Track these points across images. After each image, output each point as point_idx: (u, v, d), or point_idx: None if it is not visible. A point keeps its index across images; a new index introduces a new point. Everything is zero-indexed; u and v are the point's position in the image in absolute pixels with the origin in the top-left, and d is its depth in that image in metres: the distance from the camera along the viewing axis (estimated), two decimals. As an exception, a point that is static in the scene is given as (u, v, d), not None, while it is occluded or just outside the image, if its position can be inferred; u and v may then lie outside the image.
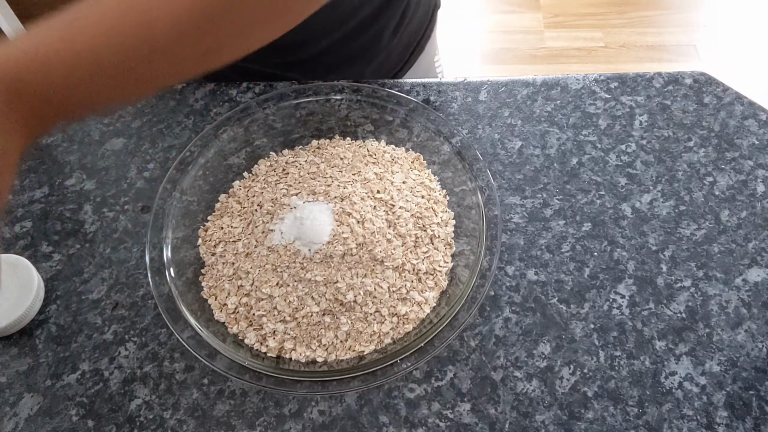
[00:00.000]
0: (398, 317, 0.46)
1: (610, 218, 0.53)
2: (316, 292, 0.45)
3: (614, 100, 0.60)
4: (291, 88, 0.54)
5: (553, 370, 0.46)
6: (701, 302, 0.48)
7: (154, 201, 0.49)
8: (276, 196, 0.51)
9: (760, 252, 0.51)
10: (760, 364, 0.46)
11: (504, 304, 0.49)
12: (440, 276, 0.48)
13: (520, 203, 0.54)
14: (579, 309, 0.48)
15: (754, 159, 0.55)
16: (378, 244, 0.47)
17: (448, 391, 0.45)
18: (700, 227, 0.52)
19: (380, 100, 0.53)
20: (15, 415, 0.45)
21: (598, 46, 1.76)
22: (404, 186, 0.51)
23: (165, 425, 0.45)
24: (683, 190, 0.54)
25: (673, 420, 0.44)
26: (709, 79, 0.60)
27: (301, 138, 0.56)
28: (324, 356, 0.44)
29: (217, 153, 0.52)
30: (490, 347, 0.47)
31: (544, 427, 0.44)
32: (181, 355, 0.47)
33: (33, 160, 0.58)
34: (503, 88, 0.61)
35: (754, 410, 0.44)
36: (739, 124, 0.57)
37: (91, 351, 0.48)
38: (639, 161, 0.56)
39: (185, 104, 0.61)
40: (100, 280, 0.51)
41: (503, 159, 0.56)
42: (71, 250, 0.53)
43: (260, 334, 0.45)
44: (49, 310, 0.50)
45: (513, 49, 1.77)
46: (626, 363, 0.46)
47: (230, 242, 0.49)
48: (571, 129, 0.58)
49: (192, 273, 0.49)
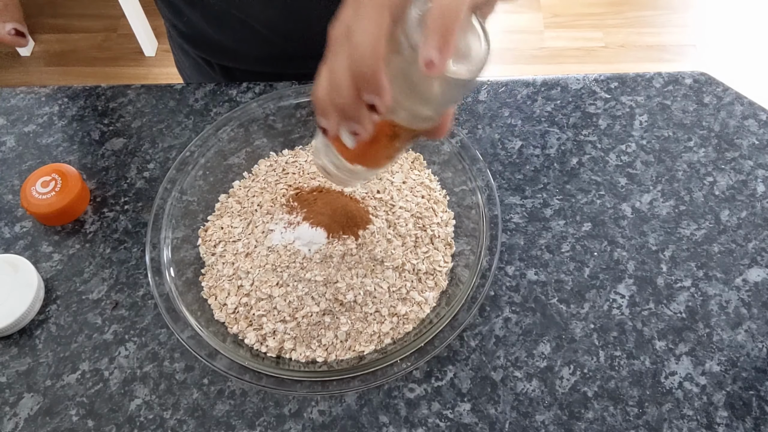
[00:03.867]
0: (398, 317, 0.46)
1: (610, 218, 0.53)
2: (316, 292, 0.45)
3: (614, 100, 0.60)
4: (291, 88, 0.54)
5: (553, 370, 0.46)
6: (701, 302, 0.48)
7: (154, 201, 0.49)
8: (275, 197, 0.51)
9: (760, 252, 0.51)
10: (760, 364, 0.46)
11: (504, 304, 0.49)
12: (440, 276, 0.48)
13: (520, 203, 0.54)
14: (579, 309, 0.48)
15: (754, 159, 0.55)
16: (378, 244, 0.47)
17: (448, 391, 0.45)
18: (700, 227, 0.52)
19: (380, 100, 0.53)
20: (15, 415, 0.45)
21: (597, 46, 1.76)
22: (404, 186, 0.51)
23: (165, 425, 0.45)
24: (683, 190, 0.54)
25: (673, 420, 0.44)
26: (709, 79, 0.60)
27: (301, 138, 0.56)
28: (324, 356, 0.44)
29: (217, 153, 0.52)
30: (490, 347, 0.47)
31: (544, 427, 0.44)
32: (181, 355, 0.47)
33: (33, 160, 0.58)
34: (503, 88, 0.61)
35: (754, 410, 0.44)
36: (739, 124, 0.57)
37: (91, 351, 0.48)
38: (639, 161, 0.56)
39: (185, 104, 0.61)
40: (100, 280, 0.51)
41: (503, 159, 0.56)
42: (71, 250, 0.53)
43: (260, 334, 0.45)
44: (49, 310, 0.50)
45: (513, 49, 1.77)
46: (626, 363, 0.46)
47: (230, 242, 0.49)
48: (571, 129, 0.58)
49: (192, 273, 0.49)
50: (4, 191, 0.56)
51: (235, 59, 0.66)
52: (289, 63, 0.65)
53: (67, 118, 0.61)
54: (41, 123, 0.61)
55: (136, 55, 1.79)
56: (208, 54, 0.67)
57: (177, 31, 0.67)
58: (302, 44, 0.61)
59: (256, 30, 0.60)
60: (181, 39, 0.68)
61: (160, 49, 1.78)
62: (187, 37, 0.67)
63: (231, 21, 0.60)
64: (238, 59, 0.66)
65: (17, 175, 0.57)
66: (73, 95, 0.63)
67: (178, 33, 0.67)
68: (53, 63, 1.81)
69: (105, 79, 1.75)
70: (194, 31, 0.64)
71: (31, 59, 1.82)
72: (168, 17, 0.66)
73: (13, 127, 0.61)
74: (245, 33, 0.61)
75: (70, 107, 0.62)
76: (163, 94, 0.62)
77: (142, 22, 1.71)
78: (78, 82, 1.69)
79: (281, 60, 0.64)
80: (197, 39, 0.66)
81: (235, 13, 0.58)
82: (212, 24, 0.61)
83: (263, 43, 0.62)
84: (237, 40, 0.62)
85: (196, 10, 0.61)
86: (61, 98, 0.63)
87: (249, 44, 0.62)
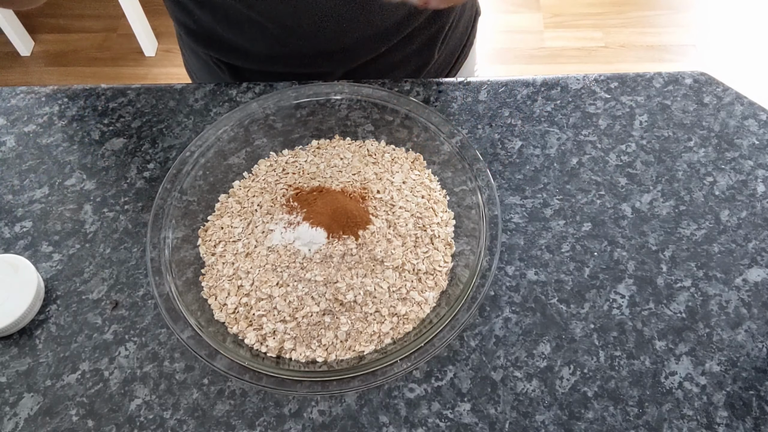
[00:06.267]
0: (398, 317, 0.46)
1: (610, 218, 0.53)
2: (316, 292, 0.45)
3: (614, 100, 0.60)
4: (291, 88, 0.54)
5: (553, 370, 0.46)
6: (701, 302, 0.48)
7: (154, 201, 0.49)
8: (275, 197, 0.51)
9: (760, 252, 0.51)
10: (760, 364, 0.46)
11: (504, 304, 0.49)
12: (440, 276, 0.48)
13: (520, 203, 0.54)
14: (579, 309, 0.48)
15: (754, 159, 0.55)
16: (378, 244, 0.47)
17: (448, 391, 0.45)
18: (700, 227, 0.52)
19: (380, 100, 0.53)
20: (15, 415, 0.45)
21: (598, 46, 1.76)
22: (404, 186, 0.51)
23: (165, 425, 0.45)
24: (683, 190, 0.54)
25: (673, 420, 0.44)
26: (709, 79, 0.60)
27: (301, 138, 0.56)
28: (324, 356, 0.44)
29: (217, 153, 0.52)
30: (490, 347, 0.47)
31: (544, 427, 0.44)
32: (181, 355, 0.47)
33: (33, 160, 0.58)
34: (503, 88, 0.61)
35: (754, 410, 0.44)
36: (739, 124, 0.57)
37: (91, 351, 0.48)
38: (639, 161, 0.56)
39: (185, 104, 0.61)
40: (100, 280, 0.51)
41: (503, 159, 0.56)
42: (71, 250, 0.53)
43: (260, 334, 0.45)
44: (49, 310, 0.50)
45: (513, 49, 1.77)
46: (626, 363, 0.46)
47: (230, 242, 0.49)
48: (571, 129, 0.58)
49: (192, 273, 0.49)
50: (4, 191, 0.56)
51: (246, 59, 0.65)
52: (299, 62, 0.64)
53: (67, 118, 0.61)
54: (41, 123, 0.61)
55: (136, 55, 1.79)
56: (219, 53, 0.67)
57: (186, 29, 0.66)
58: (313, 42, 0.61)
59: (267, 28, 0.60)
60: (190, 38, 0.67)
61: (160, 49, 1.78)
62: (197, 36, 0.66)
63: (241, 19, 0.59)
64: (249, 59, 0.65)
65: (17, 175, 0.57)
66: (73, 95, 0.63)
67: (187, 32, 0.66)
68: (53, 63, 1.81)
69: (105, 79, 1.75)
70: (204, 29, 0.64)
71: (31, 59, 1.82)
72: (177, 17, 0.66)
73: (13, 127, 0.61)
74: (255, 31, 0.60)
75: (70, 107, 0.62)
76: (163, 94, 0.62)
77: (142, 22, 1.71)
78: (78, 82, 1.69)
79: (292, 59, 0.64)
80: (207, 38, 0.65)
81: (245, 11, 0.58)
82: (222, 23, 0.61)
83: (274, 42, 0.61)
84: (248, 39, 0.62)
85: (206, 10, 0.60)
86: (61, 98, 0.63)
87: (260, 43, 0.62)
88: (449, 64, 0.74)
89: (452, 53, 0.73)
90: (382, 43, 0.63)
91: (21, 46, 1.80)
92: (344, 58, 0.64)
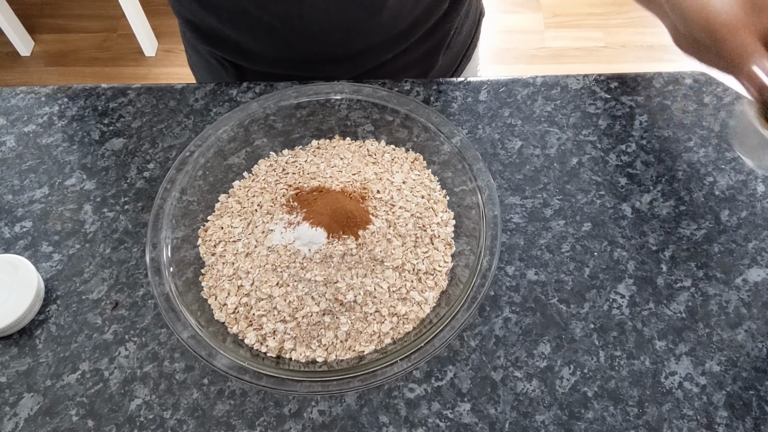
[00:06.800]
0: (398, 317, 0.46)
1: (610, 218, 0.53)
2: (316, 292, 0.45)
3: (614, 100, 0.60)
4: (291, 88, 0.54)
5: (553, 370, 0.46)
6: (701, 302, 0.48)
7: (155, 201, 0.49)
8: (275, 197, 0.51)
9: (760, 252, 0.51)
10: (760, 364, 0.46)
11: (504, 304, 0.49)
12: (440, 276, 0.48)
13: (520, 203, 0.54)
14: (579, 309, 0.48)
15: (754, 159, 0.55)
16: (378, 244, 0.47)
17: (448, 391, 0.45)
18: (700, 227, 0.52)
19: (380, 100, 0.53)
20: (15, 415, 0.45)
21: (598, 46, 1.76)
22: (404, 186, 0.51)
23: (165, 425, 0.45)
24: (683, 190, 0.54)
25: (673, 420, 0.44)
26: (709, 79, 0.60)
27: (301, 138, 0.56)
28: (324, 356, 0.44)
29: (217, 153, 0.52)
30: (490, 347, 0.47)
31: (544, 427, 0.44)
32: (181, 355, 0.47)
33: (33, 160, 0.58)
34: (503, 88, 0.61)
35: (754, 410, 0.44)
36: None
37: (91, 351, 0.48)
38: (639, 161, 0.56)
39: (185, 104, 0.61)
40: (100, 280, 0.51)
41: (503, 159, 0.56)
42: (71, 250, 0.53)
43: (260, 334, 0.45)
44: (49, 310, 0.50)
45: (513, 49, 1.77)
46: (626, 363, 0.46)
47: (230, 242, 0.49)
48: (571, 129, 0.58)
49: (192, 273, 0.49)
50: (4, 191, 0.56)
51: (252, 60, 0.65)
52: (305, 66, 0.64)
53: (67, 118, 0.61)
54: (41, 123, 0.61)
55: (136, 55, 1.79)
56: (225, 52, 0.66)
57: (191, 27, 0.65)
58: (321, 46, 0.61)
59: (276, 29, 0.59)
60: (195, 36, 0.67)
61: (161, 49, 1.78)
62: (202, 34, 0.65)
63: (249, 20, 0.59)
64: (254, 60, 0.65)
65: (17, 175, 0.57)
66: (73, 95, 0.63)
67: (192, 29, 0.65)
68: (53, 63, 1.81)
69: (105, 79, 1.75)
70: (209, 28, 0.63)
71: (31, 59, 1.82)
72: (182, 14, 0.65)
73: (13, 127, 0.61)
74: (263, 32, 0.60)
75: (70, 107, 0.62)
76: (163, 94, 0.62)
77: (142, 22, 1.71)
78: (78, 82, 1.69)
79: (298, 63, 0.64)
80: (212, 36, 0.64)
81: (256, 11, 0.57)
82: (227, 24, 0.61)
83: (281, 44, 0.61)
84: (254, 39, 0.62)
85: (210, 11, 0.60)
86: (61, 98, 0.63)
87: (267, 44, 0.62)
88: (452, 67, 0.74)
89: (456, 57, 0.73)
90: (389, 50, 0.63)
91: (21, 46, 1.80)
92: (350, 65, 0.64)
